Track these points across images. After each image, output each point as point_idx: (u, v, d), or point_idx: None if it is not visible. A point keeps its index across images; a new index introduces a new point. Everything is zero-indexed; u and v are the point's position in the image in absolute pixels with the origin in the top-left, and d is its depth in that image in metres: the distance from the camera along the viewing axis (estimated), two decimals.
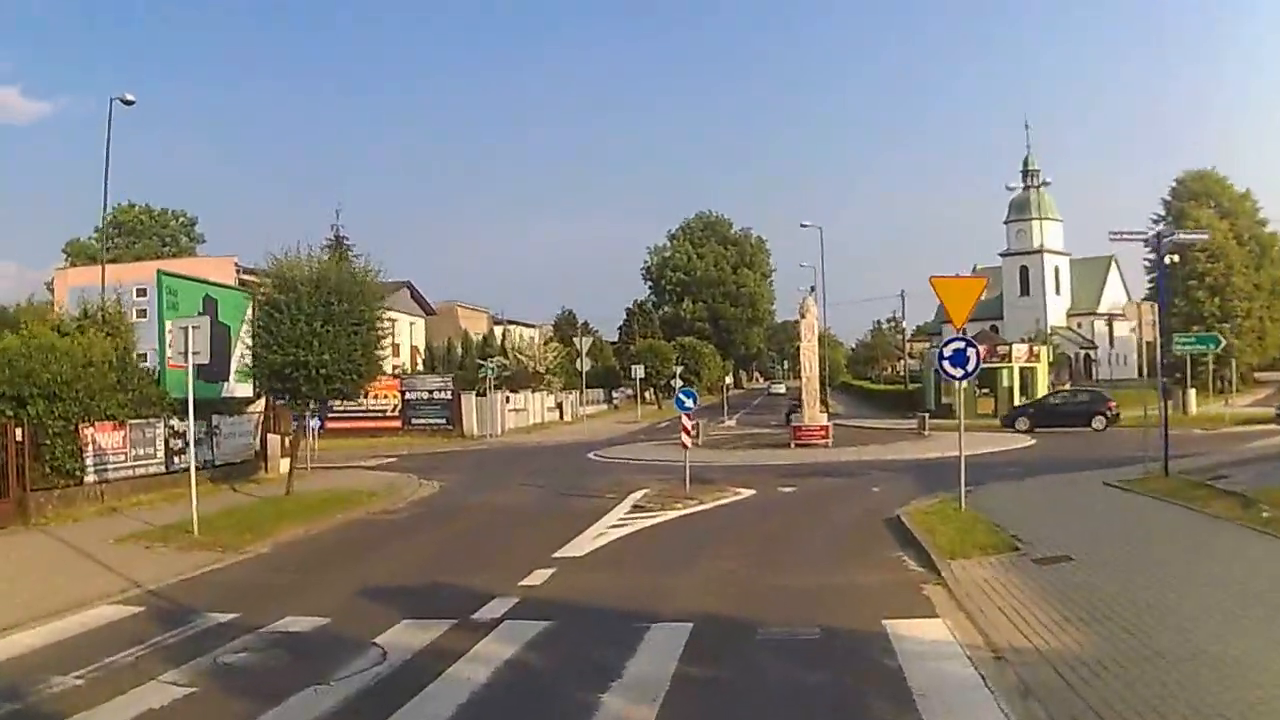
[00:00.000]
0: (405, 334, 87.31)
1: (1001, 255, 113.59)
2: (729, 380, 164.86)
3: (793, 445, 42.79)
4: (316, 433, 46.59)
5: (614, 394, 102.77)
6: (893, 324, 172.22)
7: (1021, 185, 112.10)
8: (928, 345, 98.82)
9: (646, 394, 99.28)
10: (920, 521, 19.66)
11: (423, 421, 62.15)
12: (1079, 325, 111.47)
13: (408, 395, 62.45)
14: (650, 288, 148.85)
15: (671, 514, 24.18)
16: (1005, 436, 45.76)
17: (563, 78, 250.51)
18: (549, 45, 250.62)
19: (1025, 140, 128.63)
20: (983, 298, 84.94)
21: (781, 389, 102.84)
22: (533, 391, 76.05)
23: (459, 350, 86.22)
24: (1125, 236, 25.51)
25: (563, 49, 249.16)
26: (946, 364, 21.14)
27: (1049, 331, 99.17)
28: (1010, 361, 66.39)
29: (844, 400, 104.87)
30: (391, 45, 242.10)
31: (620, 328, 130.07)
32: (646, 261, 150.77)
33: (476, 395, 62.41)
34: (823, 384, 56.39)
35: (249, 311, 30.39)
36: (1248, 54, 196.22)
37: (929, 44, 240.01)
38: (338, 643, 12.12)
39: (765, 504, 26.24)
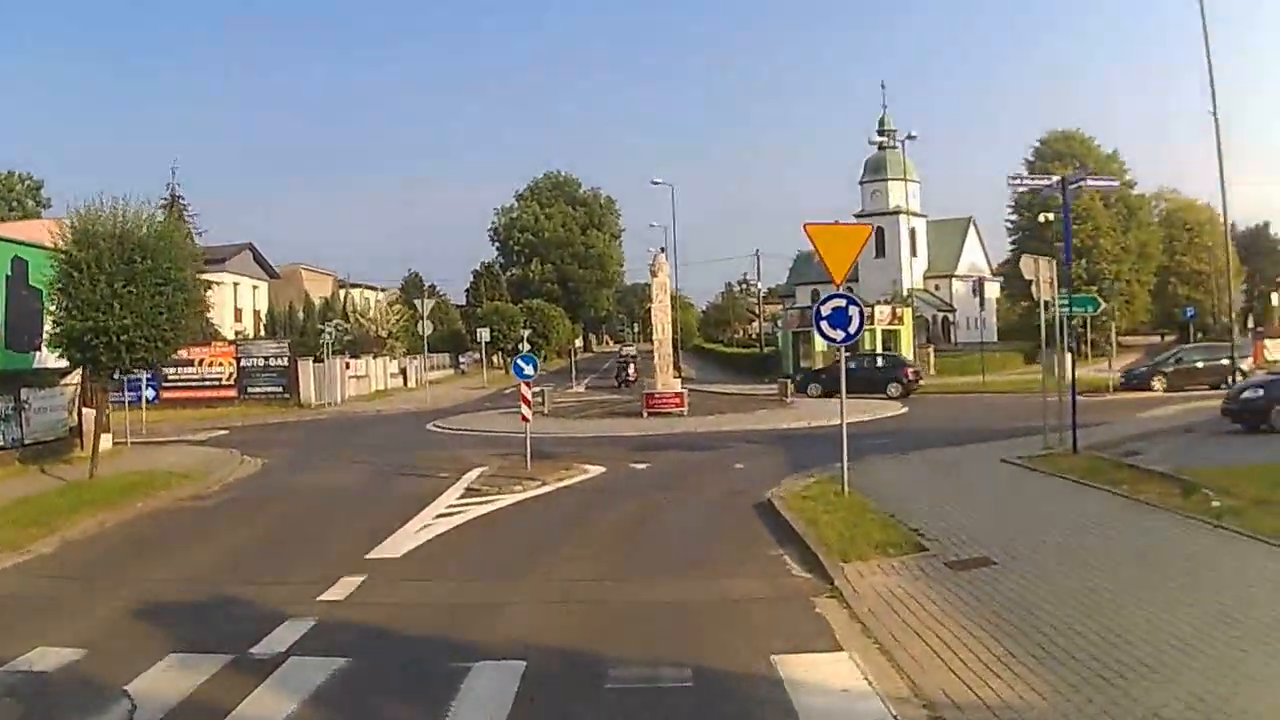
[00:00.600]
0: (248, 298, 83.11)
1: (856, 216, 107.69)
2: (579, 343, 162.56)
3: (645, 414, 39.97)
4: (150, 403, 44.83)
5: (461, 359, 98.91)
6: (744, 286, 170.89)
7: (878, 144, 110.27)
8: (782, 307, 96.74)
9: (495, 358, 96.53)
10: (798, 508, 16.89)
11: (259, 390, 57.96)
12: (936, 288, 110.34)
13: (243, 363, 58.25)
14: (498, 249, 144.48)
15: (509, 498, 21.16)
16: (872, 403, 43.42)
17: (409, 39, 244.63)
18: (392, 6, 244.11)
19: (882, 100, 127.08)
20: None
21: (633, 351, 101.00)
22: (374, 357, 72.21)
23: (300, 315, 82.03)
24: (1026, 181, 23.08)
25: (407, 10, 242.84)
26: (825, 325, 18.39)
27: (906, 294, 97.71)
28: (873, 324, 63.65)
29: (696, 363, 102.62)
30: (235, 11, 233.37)
31: (467, 290, 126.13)
32: (494, 222, 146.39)
33: (314, 362, 58.54)
34: (675, 347, 53.88)
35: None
36: (1113, 14, 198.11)
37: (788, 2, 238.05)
38: (83, 689, 9.27)
39: (615, 485, 23.26)
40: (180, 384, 56.00)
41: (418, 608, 12.27)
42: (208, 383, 57.18)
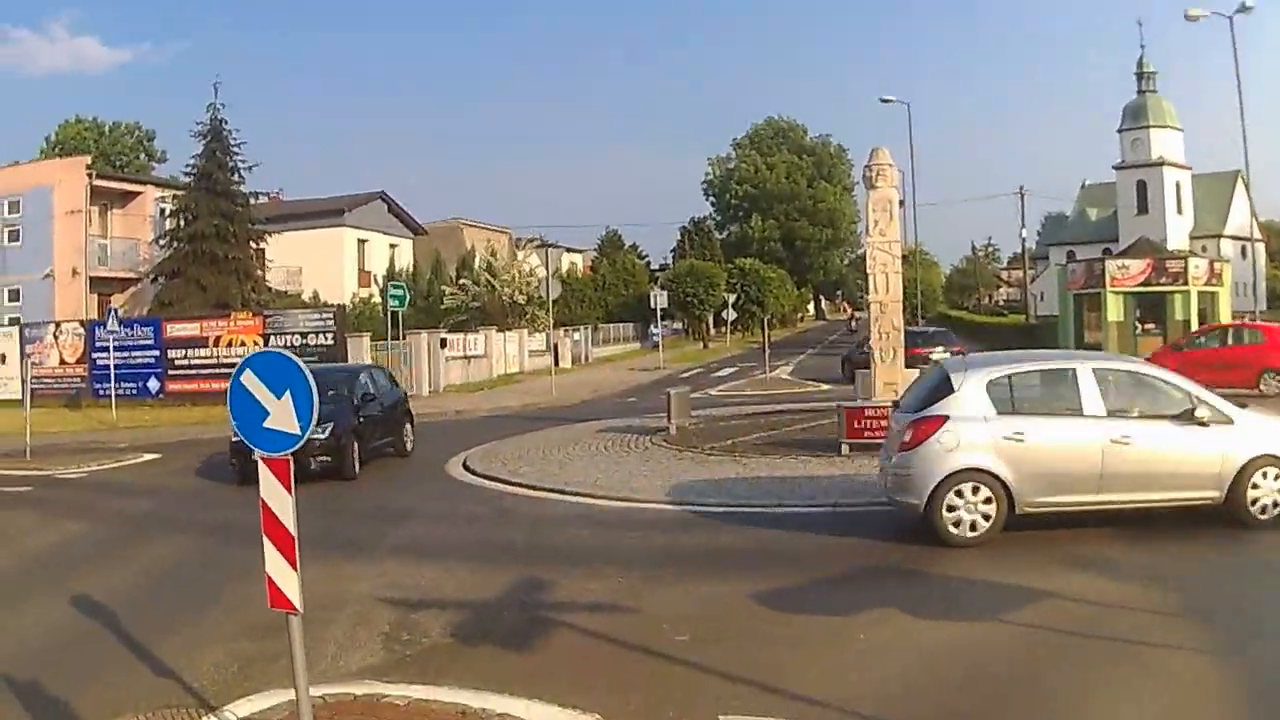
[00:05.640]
0: (382, 257, 66.61)
1: (1116, 168, 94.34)
2: (810, 310, 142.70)
3: (845, 449, 20.54)
4: (155, 398, 39.25)
5: (654, 330, 79.04)
6: (988, 250, 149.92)
7: (1137, 88, 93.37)
8: (1064, 263, 76.83)
9: (709, 328, 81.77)
10: None
11: None
12: (1203, 249, 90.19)
13: (273, 341, 39.74)
14: (713, 204, 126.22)
15: None
16: None
17: None
18: None
19: (1139, 39, 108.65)
20: (1094, 216, 56.71)
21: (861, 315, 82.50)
22: (499, 330, 54.23)
23: (429, 276, 64.99)
24: None
25: None
26: None
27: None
28: (1186, 284, 45.72)
29: None
30: None
31: (674, 250, 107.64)
32: (708, 174, 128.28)
33: (372, 340, 40.71)
34: (914, 315, 34.25)
35: None
36: None
37: None
38: None
39: None
40: (190, 372, 39.51)
41: None
42: (225, 370, 38.95)
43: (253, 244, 48.35)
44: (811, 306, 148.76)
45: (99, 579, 13.42)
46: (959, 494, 12.72)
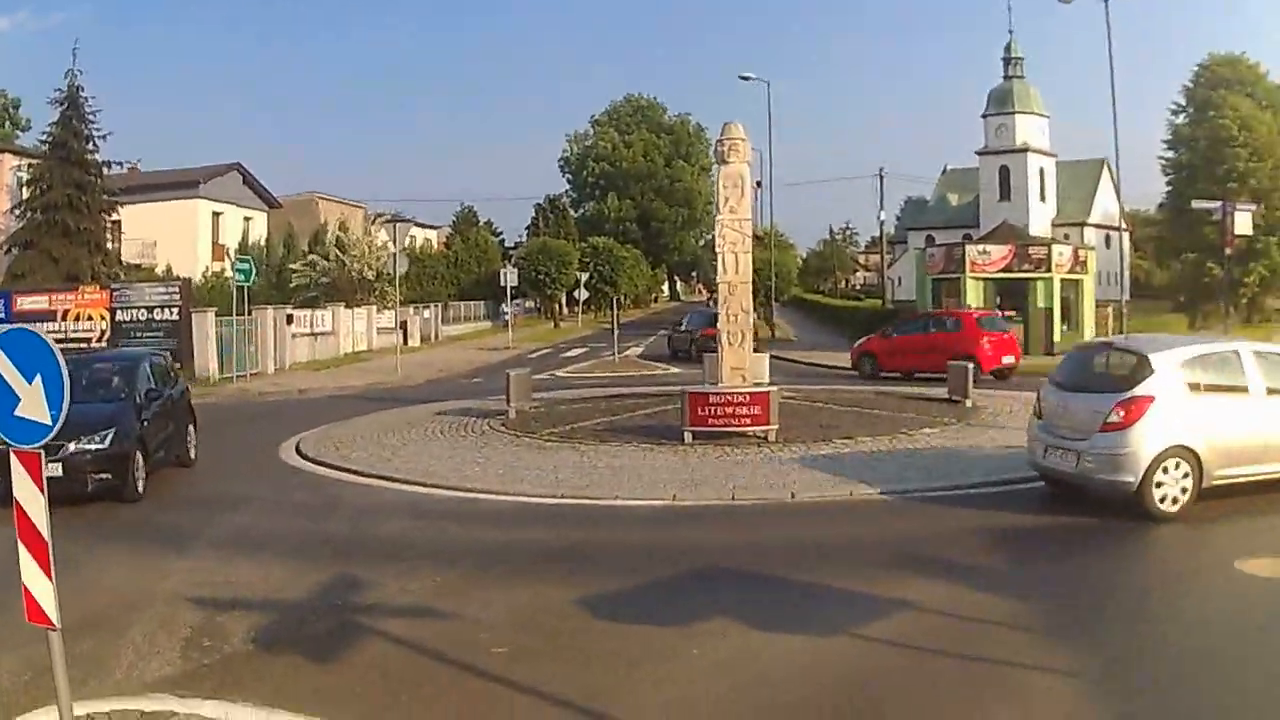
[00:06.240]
0: (235, 230, 64.77)
1: (979, 153, 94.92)
2: (665, 292, 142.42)
3: (688, 437, 19.96)
4: None
5: (505, 309, 77.50)
6: (846, 234, 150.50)
7: (1003, 73, 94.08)
8: (923, 248, 77.17)
9: (558, 306, 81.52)
10: None
11: None
12: (1066, 236, 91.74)
13: (119, 315, 38.66)
14: (569, 182, 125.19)
15: None
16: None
17: None
18: None
19: (1008, 24, 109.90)
20: (955, 201, 51.59)
21: None
22: (348, 306, 53.03)
23: (281, 250, 63.38)
24: None
25: None
26: None
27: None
28: (1049, 271, 45.53)
29: (793, 318, 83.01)
30: None
31: (528, 228, 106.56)
32: (565, 151, 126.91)
33: (219, 315, 39.18)
34: (768, 297, 33.95)
35: None
36: None
37: None
38: None
39: None
40: None
41: None
42: (72, 345, 37.13)
43: (105, 215, 46.92)
44: (666, 287, 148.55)
45: None
46: (1165, 470, 13.37)
